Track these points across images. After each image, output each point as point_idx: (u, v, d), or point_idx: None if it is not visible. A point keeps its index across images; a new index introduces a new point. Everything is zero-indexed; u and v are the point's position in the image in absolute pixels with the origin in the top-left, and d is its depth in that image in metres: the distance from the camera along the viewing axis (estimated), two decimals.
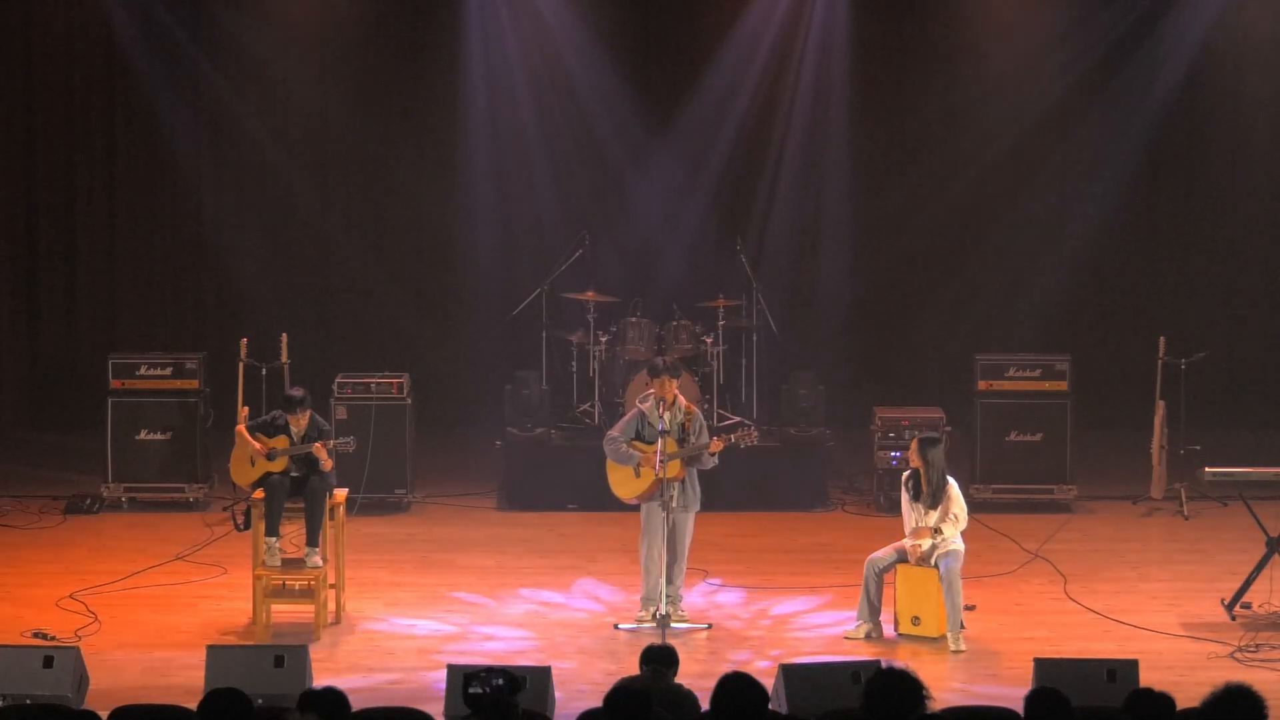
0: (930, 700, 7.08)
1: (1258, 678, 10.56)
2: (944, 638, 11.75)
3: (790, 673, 10.05)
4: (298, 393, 12.35)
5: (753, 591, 13.01)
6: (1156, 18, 17.19)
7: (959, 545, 11.90)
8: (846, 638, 11.91)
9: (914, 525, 11.94)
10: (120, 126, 17.65)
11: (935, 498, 11.88)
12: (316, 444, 12.12)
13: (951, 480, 12.00)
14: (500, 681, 7.37)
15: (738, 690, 7.35)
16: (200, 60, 17.43)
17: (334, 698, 7.56)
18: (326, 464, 12.14)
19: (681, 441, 12.05)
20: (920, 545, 11.89)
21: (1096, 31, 17.35)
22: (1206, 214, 17.82)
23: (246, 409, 13.16)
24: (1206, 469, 12.75)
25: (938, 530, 11.83)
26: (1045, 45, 17.42)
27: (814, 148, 17.60)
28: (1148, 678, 9.86)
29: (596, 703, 7.78)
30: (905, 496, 12.02)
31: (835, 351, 17.24)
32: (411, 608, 12.59)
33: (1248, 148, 17.69)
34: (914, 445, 12.04)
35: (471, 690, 7.36)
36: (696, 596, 12.75)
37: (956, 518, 11.88)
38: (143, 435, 15.16)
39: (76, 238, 17.80)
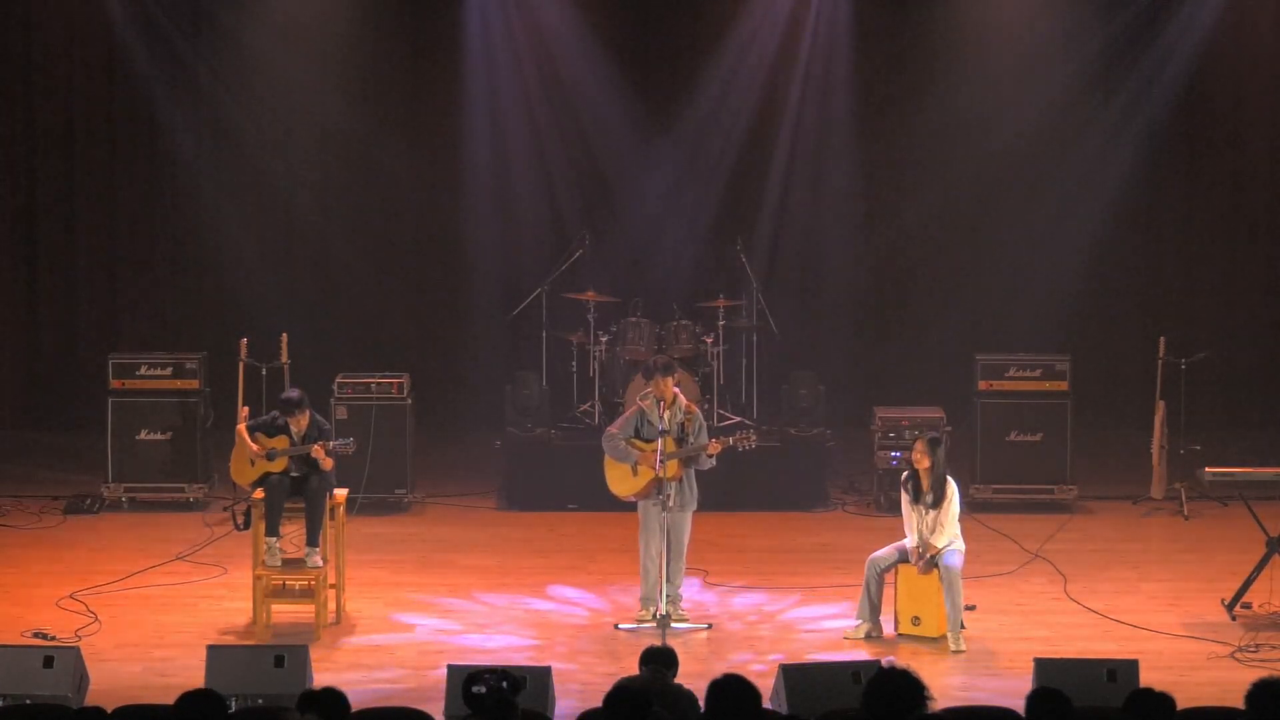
0: (931, 701, 7.07)
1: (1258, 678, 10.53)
2: (944, 638, 11.75)
3: (790, 673, 10.05)
4: (295, 394, 12.35)
5: (753, 591, 13.01)
6: (1158, 18, 17.20)
7: (960, 545, 11.90)
8: (846, 638, 11.91)
9: (915, 525, 11.93)
10: (120, 126, 17.64)
11: (938, 497, 11.87)
12: (315, 445, 12.11)
13: (951, 480, 11.99)
14: (503, 683, 7.37)
15: (730, 692, 7.35)
16: (200, 60, 17.44)
17: (334, 698, 7.56)
18: (326, 464, 12.14)
19: (681, 441, 12.05)
20: (920, 548, 11.89)
21: (1098, 31, 17.36)
22: (1206, 214, 17.82)
23: (246, 409, 13.16)
24: (1206, 469, 12.75)
25: (925, 551, 11.84)
26: (1046, 45, 17.41)
27: (814, 147, 17.60)
28: (1148, 678, 9.86)
29: (596, 703, 7.78)
30: (905, 499, 12.01)
31: (835, 351, 17.23)
32: (411, 608, 12.59)
33: (1248, 148, 17.69)
34: (921, 446, 11.95)
35: (474, 690, 7.36)
36: (697, 596, 12.75)
37: (943, 526, 11.85)
38: (143, 435, 15.16)
39: (76, 238, 17.80)
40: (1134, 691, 7.74)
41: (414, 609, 12.57)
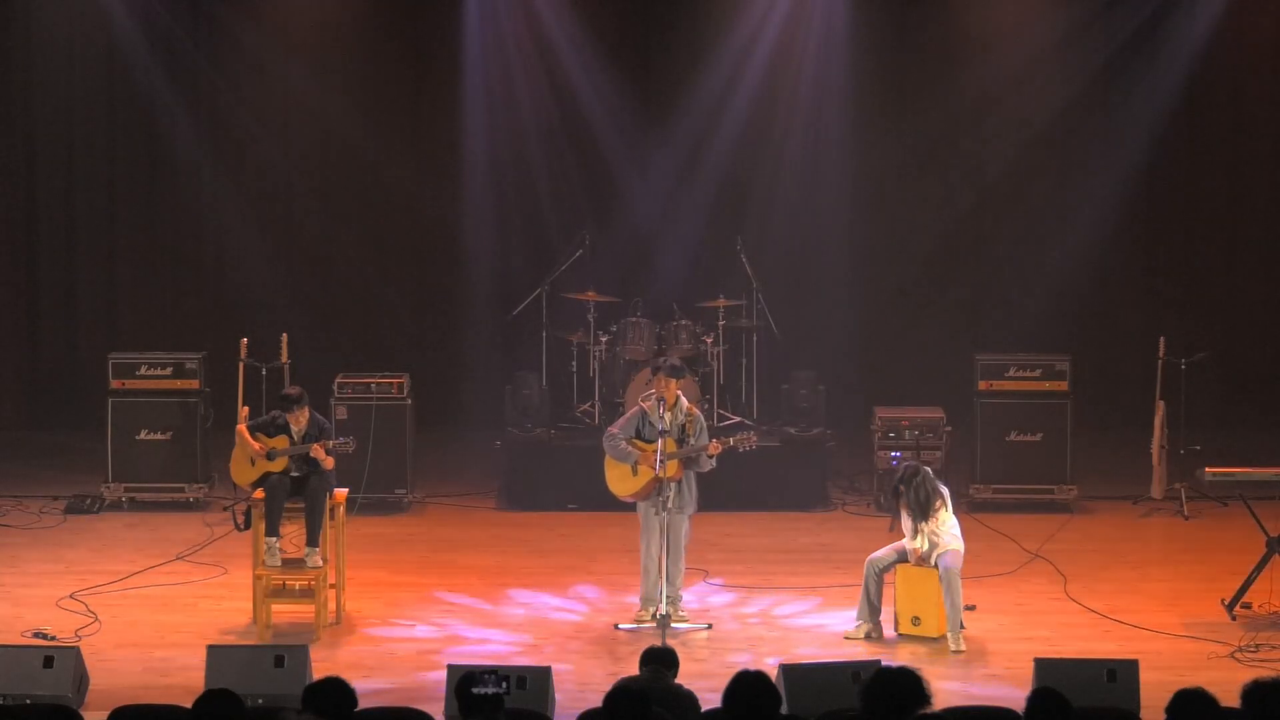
0: (930, 702, 7.06)
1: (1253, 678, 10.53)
2: (944, 638, 11.75)
3: (790, 673, 10.05)
4: (294, 391, 12.36)
5: (753, 591, 13.01)
6: (1158, 19, 17.20)
7: (959, 545, 11.90)
8: (846, 638, 11.91)
9: (913, 529, 11.94)
10: (120, 127, 17.65)
11: (925, 511, 11.85)
12: (315, 444, 12.12)
13: (943, 488, 11.96)
14: (504, 685, 7.36)
15: (751, 690, 7.32)
16: (200, 60, 17.45)
17: (337, 691, 7.52)
18: (327, 463, 12.14)
19: (681, 442, 12.05)
20: (919, 548, 11.90)
21: (1099, 33, 17.37)
22: (1207, 214, 17.82)
23: (246, 409, 13.16)
24: (1206, 469, 12.75)
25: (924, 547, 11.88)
26: (1047, 46, 17.41)
27: (814, 147, 17.60)
28: (1148, 678, 9.87)
29: (596, 703, 7.78)
30: (903, 508, 12.02)
31: (835, 351, 17.23)
32: (412, 608, 12.59)
33: (1248, 148, 17.70)
34: (904, 491, 11.95)
35: (476, 691, 7.35)
36: (696, 596, 12.75)
37: (942, 528, 11.84)
38: (143, 435, 15.16)
39: (76, 238, 17.80)
40: (1179, 694, 7.55)
41: (414, 609, 12.56)
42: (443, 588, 13.05)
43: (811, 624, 12.30)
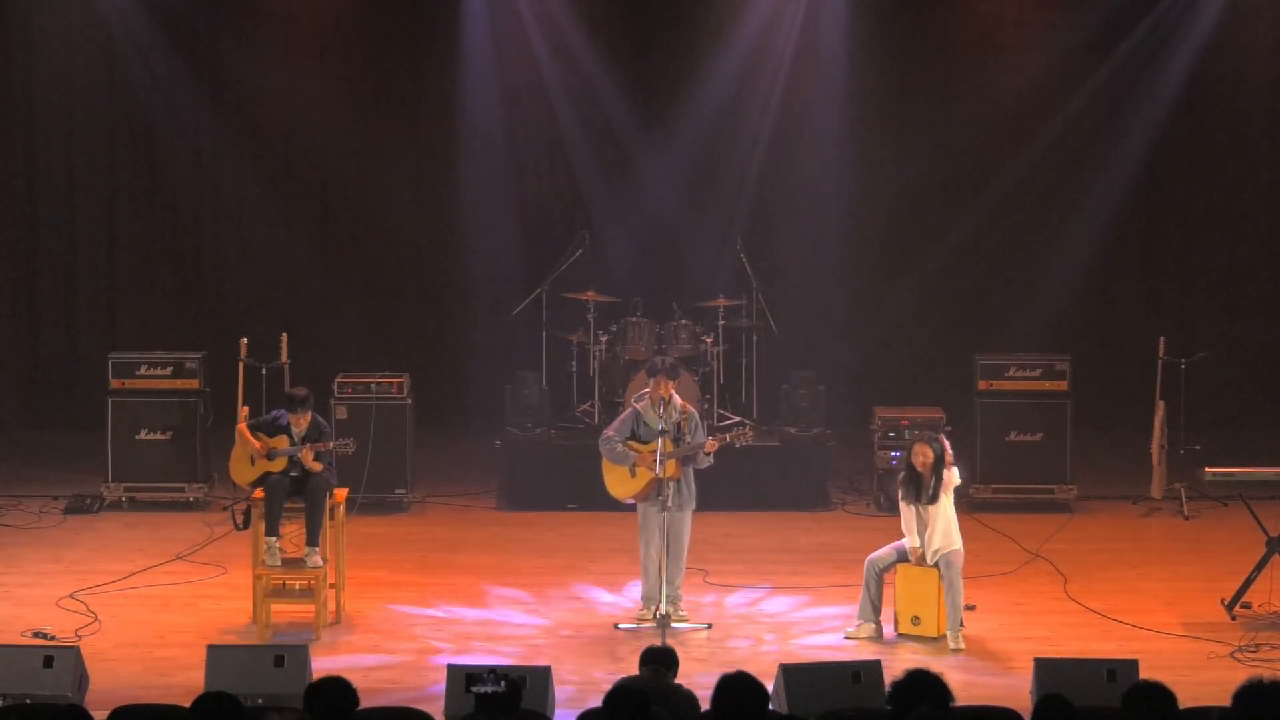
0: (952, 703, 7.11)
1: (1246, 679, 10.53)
2: (944, 637, 11.75)
3: (790, 673, 10.05)
4: (300, 392, 12.35)
5: (753, 591, 13.01)
6: (1158, 18, 17.20)
7: (959, 545, 11.90)
8: (847, 637, 11.91)
9: (913, 526, 11.93)
10: (120, 126, 17.64)
11: (936, 493, 11.86)
12: (305, 447, 12.10)
13: (955, 470, 11.96)
14: (501, 682, 7.37)
15: (738, 690, 7.35)
16: (200, 60, 17.44)
17: (337, 691, 7.52)
18: (313, 467, 12.13)
19: (677, 441, 12.05)
20: (919, 547, 11.90)
21: (1100, 33, 17.36)
22: (1206, 214, 17.82)
23: (246, 408, 13.16)
24: (1206, 469, 12.75)
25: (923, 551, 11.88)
26: (1046, 45, 17.41)
27: (814, 146, 17.58)
28: (1147, 677, 9.83)
29: (596, 703, 7.79)
30: (902, 501, 11.99)
31: (835, 351, 17.22)
32: (411, 607, 12.59)
33: (1248, 148, 17.69)
34: (921, 446, 11.91)
35: (476, 690, 7.35)
36: (696, 596, 12.75)
37: (943, 519, 11.86)
38: (143, 435, 15.16)
39: (76, 237, 17.79)
40: (1133, 686, 7.70)
41: (414, 608, 12.56)
42: (442, 587, 13.03)
43: (811, 624, 12.29)
